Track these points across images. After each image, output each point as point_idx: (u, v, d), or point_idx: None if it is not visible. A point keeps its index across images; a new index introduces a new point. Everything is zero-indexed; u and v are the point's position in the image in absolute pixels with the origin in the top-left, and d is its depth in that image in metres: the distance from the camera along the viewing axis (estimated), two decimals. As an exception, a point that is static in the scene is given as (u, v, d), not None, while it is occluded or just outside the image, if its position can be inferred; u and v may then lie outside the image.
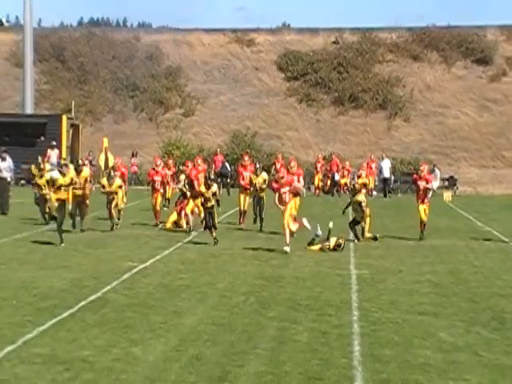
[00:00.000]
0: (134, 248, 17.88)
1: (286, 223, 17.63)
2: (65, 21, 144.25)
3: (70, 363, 8.64)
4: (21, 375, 8.22)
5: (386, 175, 38.75)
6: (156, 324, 10.48)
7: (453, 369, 8.73)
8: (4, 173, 24.93)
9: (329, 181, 39.19)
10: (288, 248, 17.23)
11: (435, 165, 39.64)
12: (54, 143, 39.37)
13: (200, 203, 19.63)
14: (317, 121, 48.55)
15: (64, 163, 21.95)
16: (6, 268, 14.75)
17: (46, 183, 22.23)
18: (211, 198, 18.81)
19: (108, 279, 13.64)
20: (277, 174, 19.97)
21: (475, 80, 49.09)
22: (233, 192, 33.48)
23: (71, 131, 42.71)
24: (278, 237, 18.89)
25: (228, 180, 37.77)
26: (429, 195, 20.70)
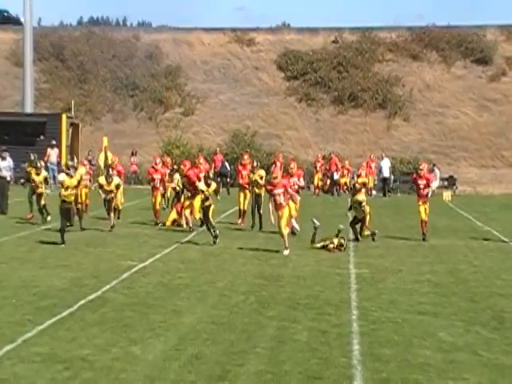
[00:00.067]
0: (134, 247, 17.88)
1: (284, 228, 17.40)
2: (64, 20, 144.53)
3: (70, 362, 8.64)
4: (20, 374, 8.23)
5: (386, 175, 38.74)
6: (155, 323, 10.49)
7: (452, 368, 8.74)
8: (4, 172, 24.92)
9: (328, 180, 39.21)
10: (287, 251, 17.19)
11: (435, 164, 39.65)
12: (54, 142, 39.37)
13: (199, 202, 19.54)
14: (316, 120, 48.55)
15: (71, 165, 21.85)
16: (7, 267, 14.75)
17: (44, 180, 22.25)
18: (211, 197, 18.82)
19: (107, 278, 13.64)
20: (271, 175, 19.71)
21: (475, 80, 49.09)
22: (232, 191, 33.48)
23: (71, 130, 42.69)
24: (278, 236, 18.86)
25: (228, 179, 37.79)
26: (429, 195, 20.68)
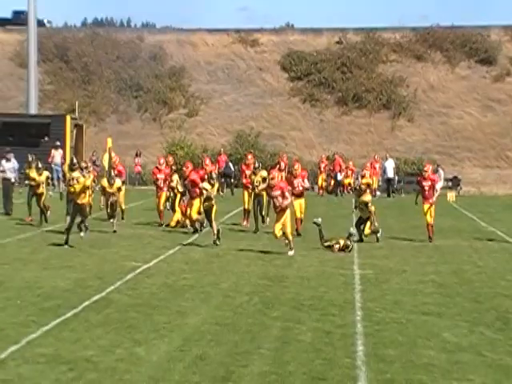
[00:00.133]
0: (138, 248, 17.88)
1: (289, 230, 17.26)
2: (69, 21, 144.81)
3: (74, 363, 8.64)
4: (24, 375, 8.23)
5: (390, 175, 38.72)
6: (160, 324, 10.48)
7: (456, 369, 8.72)
8: (8, 173, 24.96)
9: (332, 181, 39.20)
10: (292, 252, 17.17)
11: (439, 165, 39.59)
12: (58, 143, 39.42)
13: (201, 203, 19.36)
14: (320, 121, 48.54)
15: (85, 166, 21.80)
16: (10, 268, 14.76)
17: (46, 180, 22.24)
18: (213, 197, 18.70)
19: (112, 279, 13.64)
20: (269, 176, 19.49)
21: (479, 80, 49.04)
22: (237, 192, 33.48)
23: (75, 131, 42.76)
24: (282, 237, 18.85)
25: (232, 180, 37.81)
26: (435, 196, 20.46)
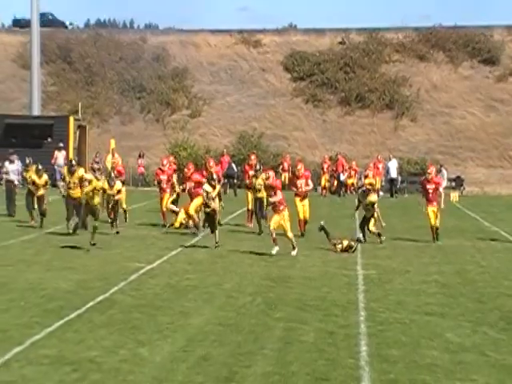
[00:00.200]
0: (141, 249, 17.88)
1: (289, 232, 17.30)
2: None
3: (78, 364, 8.65)
4: (28, 376, 8.24)
5: (393, 175, 38.70)
6: (163, 325, 10.49)
7: (460, 369, 8.72)
8: (11, 175, 24.99)
9: (335, 181, 39.19)
10: (295, 252, 17.17)
11: (442, 165, 39.58)
12: (61, 145, 39.48)
13: (202, 204, 19.28)
14: (323, 121, 48.54)
15: (97, 167, 21.80)
16: (14, 269, 14.77)
17: (45, 184, 22.24)
18: (215, 199, 18.52)
19: (115, 280, 13.65)
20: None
21: (482, 80, 49.01)
22: (240, 193, 33.46)
23: (78, 133, 42.81)
24: (285, 238, 18.85)
25: (235, 181, 37.81)
26: (442, 200, 20.31)
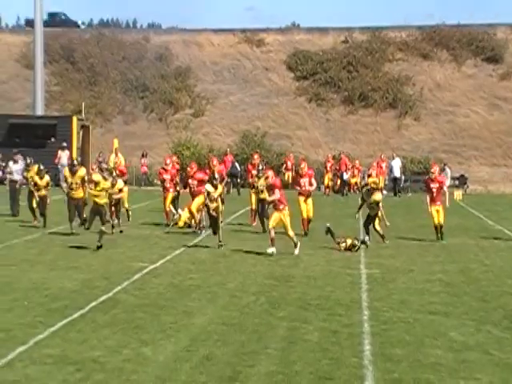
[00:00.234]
0: (145, 248, 17.88)
1: (289, 230, 17.23)
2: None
3: (81, 364, 8.65)
4: (32, 376, 8.25)
5: (397, 174, 38.66)
6: (166, 324, 10.49)
7: (464, 368, 8.71)
8: (15, 175, 25.03)
9: (338, 180, 39.18)
10: (297, 250, 17.15)
11: (446, 164, 39.57)
12: (65, 144, 39.52)
13: (203, 204, 19.20)
14: (326, 120, 48.53)
15: (105, 167, 21.79)
16: (17, 269, 14.78)
17: (46, 185, 22.20)
18: (217, 199, 18.36)
19: (118, 280, 13.65)
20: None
21: (485, 78, 48.96)
22: (243, 192, 33.48)
23: (81, 132, 42.84)
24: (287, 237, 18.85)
25: (238, 180, 37.82)
26: (447, 199, 20.25)
